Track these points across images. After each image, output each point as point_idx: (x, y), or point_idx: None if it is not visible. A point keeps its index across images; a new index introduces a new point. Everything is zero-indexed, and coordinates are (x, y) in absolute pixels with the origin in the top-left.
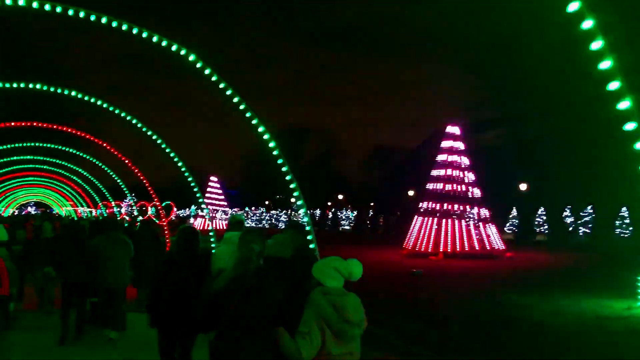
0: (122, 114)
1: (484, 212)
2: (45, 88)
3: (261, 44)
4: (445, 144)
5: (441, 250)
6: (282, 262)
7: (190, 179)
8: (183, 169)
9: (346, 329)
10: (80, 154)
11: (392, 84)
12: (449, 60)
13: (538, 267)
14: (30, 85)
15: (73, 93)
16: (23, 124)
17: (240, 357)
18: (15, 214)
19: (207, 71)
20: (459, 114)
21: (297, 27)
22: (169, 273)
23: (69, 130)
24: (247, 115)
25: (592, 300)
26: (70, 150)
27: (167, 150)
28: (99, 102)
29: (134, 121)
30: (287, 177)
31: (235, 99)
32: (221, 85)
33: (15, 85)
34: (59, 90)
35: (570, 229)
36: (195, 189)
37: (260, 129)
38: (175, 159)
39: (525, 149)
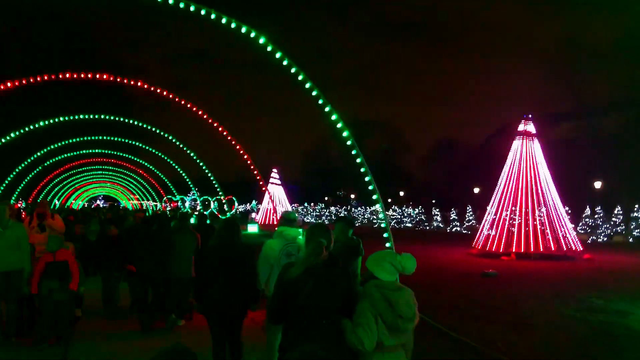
0: (189, 105)
1: (560, 210)
2: (112, 79)
3: (323, 37)
4: (517, 139)
5: (513, 250)
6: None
7: (256, 172)
8: (249, 162)
9: (399, 323)
10: (147, 148)
11: (457, 78)
12: (518, 53)
13: (623, 270)
14: (98, 76)
15: (139, 84)
16: (92, 116)
17: (309, 347)
18: (85, 206)
19: (278, 55)
20: (529, 109)
21: (360, 21)
22: (210, 262)
23: (137, 123)
24: (320, 102)
25: None
26: (137, 143)
27: (234, 143)
28: (164, 93)
29: (200, 112)
30: (362, 170)
31: (307, 85)
32: (293, 70)
33: (83, 75)
34: (125, 81)
35: None
36: (260, 182)
37: (333, 117)
38: (242, 152)
39: (602, 143)
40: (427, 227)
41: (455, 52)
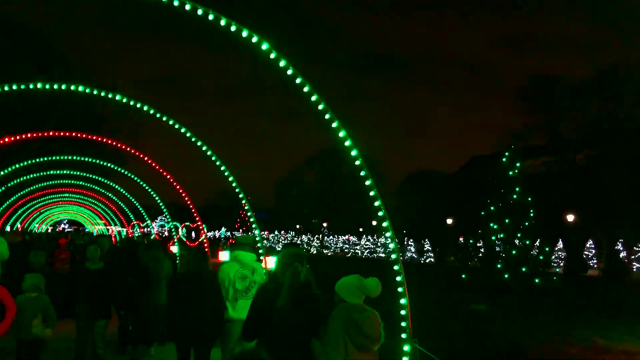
0: (171, 122)
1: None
2: (88, 90)
3: (295, 69)
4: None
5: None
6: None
7: (241, 196)
8: (234, 185)
9: (365, 343)
10: (118, 169)
11: (430, 111)
12: (491, 88)
13: (606, 305)
14: (72, 87)
15: (117, 97)
16: (63, 134)
17: None
18: (49, 231)
19: (282, 63)
20: (502, 142)
21: (331, 55)
22: (178, 290)
23: (110, 141)
24: (327, 117)
25: None
26: (108, 164)
27: (218, 164)
28: (145, 108)
29: (182, 130)
30: (371, 193)
31: (314, 97)
32: (298, 80)
33: (56, 86)
34: (102, 94)
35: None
36: (247, 207)
37: (341, 134)
38: (226, 174)
39: (574, 177)
40: (401, 258)
41: (427, 85)
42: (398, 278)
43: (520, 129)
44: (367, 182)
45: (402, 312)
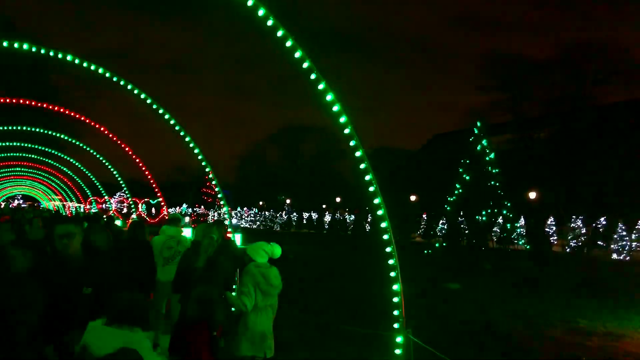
0: (135, 90)
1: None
2: (35, 49)
3: (249, 43)
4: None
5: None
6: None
7: (210, 175)
8: (201, 159)
9: (270, 290)
10: (74, 141)
11: (390, 88)
12: (447, 68)
13: (575, 281)
14: (16, 45)
15: (69, 58)
16: (9, 100)
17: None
18: (2, 206)
19: (280, 33)
20: (465, 119)
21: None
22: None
23: (64, 111)
24: (320, 87)
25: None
26: (62, 136)
27: (185, 137)
28: (100, 71)
29: (148, 100)
30: (362, 166)
31: (313, 75)
32: (297, 55)
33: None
34: (51, 53)
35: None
36: (214, 182)
37: (336, 108)
38: (192, 147)
39: (536, 155)
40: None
41: (383, 63)
42: (390, 261)
43: (480, 107)
44: (358, 154)
45: (395, 300)
